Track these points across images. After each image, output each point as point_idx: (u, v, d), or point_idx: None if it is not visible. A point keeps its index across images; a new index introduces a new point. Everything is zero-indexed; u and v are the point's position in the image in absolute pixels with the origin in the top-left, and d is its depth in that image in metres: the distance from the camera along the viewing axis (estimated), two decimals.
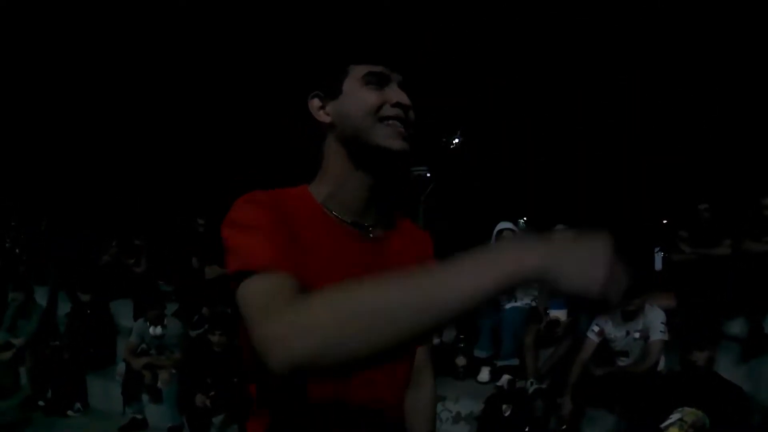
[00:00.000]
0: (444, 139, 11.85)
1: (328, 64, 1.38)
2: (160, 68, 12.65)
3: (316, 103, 1.37)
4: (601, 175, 12.30)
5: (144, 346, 6.61)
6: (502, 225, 6.06)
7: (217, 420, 5.94)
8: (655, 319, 4.76)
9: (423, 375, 1.65)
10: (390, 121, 1.30)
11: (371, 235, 1.37)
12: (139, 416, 6.50)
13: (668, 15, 9.39)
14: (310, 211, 1.32)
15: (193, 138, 13.00)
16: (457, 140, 11.26)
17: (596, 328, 4.94)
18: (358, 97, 1.31)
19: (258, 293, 1.06)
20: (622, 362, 4.91)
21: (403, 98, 1.31)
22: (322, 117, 1.36)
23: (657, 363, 4.78)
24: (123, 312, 8.01)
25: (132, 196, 12.79)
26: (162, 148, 13.00)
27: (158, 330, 6.45)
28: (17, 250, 10.72)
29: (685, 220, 6.39)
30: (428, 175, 11.50)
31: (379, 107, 1.30)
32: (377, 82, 1.32)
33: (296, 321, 0.93)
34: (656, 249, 6.34)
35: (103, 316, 7.73)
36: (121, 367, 6.82)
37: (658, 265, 6.35)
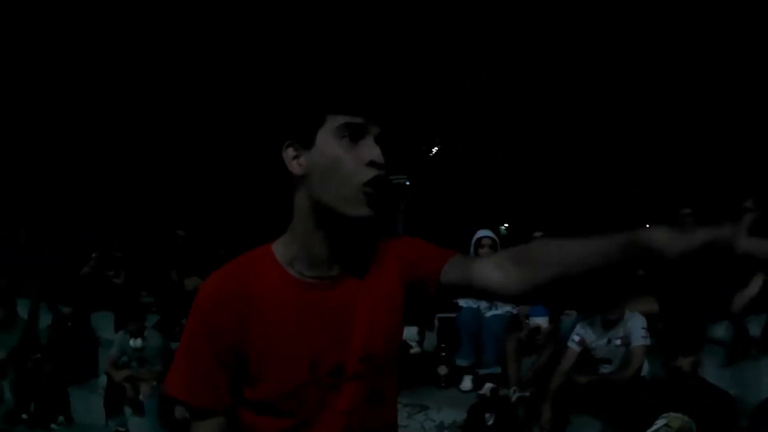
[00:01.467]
0: (423, 148, 11.93)
1: (303, 111, 1.32)
2: (138, 83, 12.60)
3: (290, 152, 1.32)
4: (582, 181, 12.33)
5: (125, 358, 6.57)
6: (481, 233, 6.07)
7: None
8: (635, 325, 4.73)
9: (496, 257, 1.43)
10: (363, 194, 1.27)
11: (333, 283, 1.37)
12: (121, 429, 6.46)
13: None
14: (273, 276, 1.36)
15: (172, 151, 12.95)
16: (435, 149, 11.34)
17: (576, 338, 4.90)
18: (330, 155, 1.27)
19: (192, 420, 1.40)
20: (605, 369, 4.88)
21: (378, 156, 1.27)
22: (295, 168, 1.32)
23: (640, 369, 4.75)
24: (104, 324, 8.00)
25: (111, 208, 12.72)
26: (141, 160, 12.95)
27: (138, 342, 6.43)
28: None
29: (668, 225, 6.35)
30: (407, 183, 11.54)
31: (356, 171, 1.26)
32: (352, 135, 1.27)
33: None
34: None
35: (84, 329, 7.73)
36: (102, 379, 6.83)
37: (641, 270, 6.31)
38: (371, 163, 1.27)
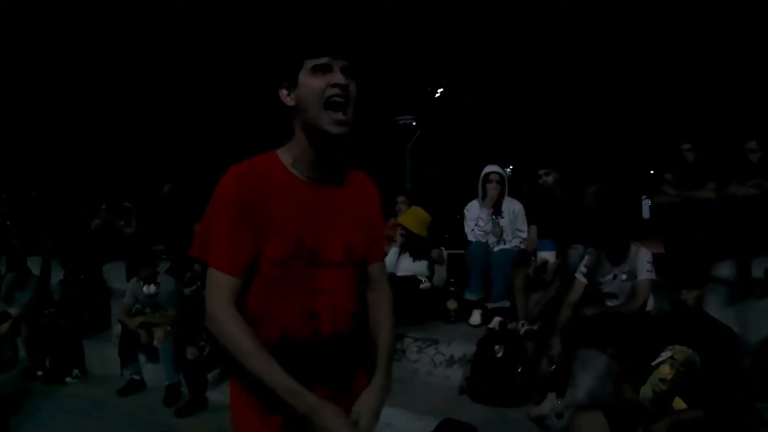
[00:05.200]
0: (429, 89, 12.09)
1: (287, 62, 1.86)
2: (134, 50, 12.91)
3: (284, 92, 1.89)
4: (589, 122, 12.34)
5: (138, 305, 6.62)
6: (489, 168, 6.12)
7: (211, 376, 5.99)
8: (641, 259, 4.78)
9: (381, 282, 2.14)
10: (333, 109, 1.80)
11: (322, 185, 1.91)
12: (137, 377, 6.55)
13: None
14: (278, 172, 1.87)
15: (171, 104, 13.08)
16: (441, 90, 11.50)
17: (584, 269, 4.96)
18: (307, 85, 1.82)
19: (212, 284, 1.81)
20: (612, 303, 4.92)
21: (339, 79, 1.80)
22: (288, 102, 1.88)
23: (645, 303, 4.80)
24: (115, 275, 8.02)
25: (117, 160, 12.80)
26: (143, 114, 13.06)
27: (152, 288, 6.48)
28: (8, 222, 10.67)
29: (671, 165, 6.36)
30: (414, 123, 11.73)
31: (323, 90, 1.79)
32: (322, 70, 1.81)
33: (216, 317, 1.78)
34: (644, 197, 6.33)
35: (96, 281, 7.77)
36: (116, 328, 6.85)
37: (646, 213, 6.34)
38: (335, 85, 1.79)
